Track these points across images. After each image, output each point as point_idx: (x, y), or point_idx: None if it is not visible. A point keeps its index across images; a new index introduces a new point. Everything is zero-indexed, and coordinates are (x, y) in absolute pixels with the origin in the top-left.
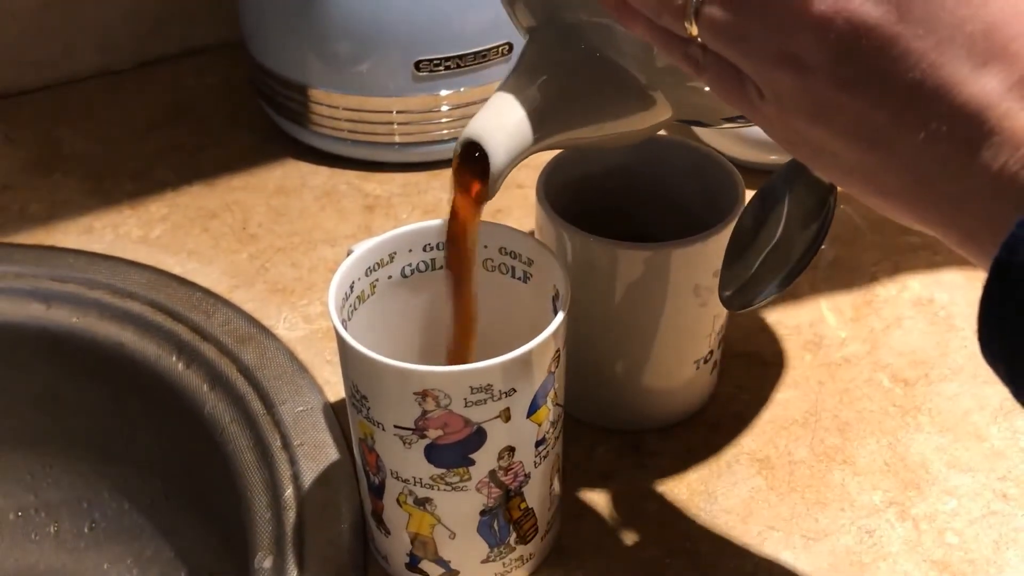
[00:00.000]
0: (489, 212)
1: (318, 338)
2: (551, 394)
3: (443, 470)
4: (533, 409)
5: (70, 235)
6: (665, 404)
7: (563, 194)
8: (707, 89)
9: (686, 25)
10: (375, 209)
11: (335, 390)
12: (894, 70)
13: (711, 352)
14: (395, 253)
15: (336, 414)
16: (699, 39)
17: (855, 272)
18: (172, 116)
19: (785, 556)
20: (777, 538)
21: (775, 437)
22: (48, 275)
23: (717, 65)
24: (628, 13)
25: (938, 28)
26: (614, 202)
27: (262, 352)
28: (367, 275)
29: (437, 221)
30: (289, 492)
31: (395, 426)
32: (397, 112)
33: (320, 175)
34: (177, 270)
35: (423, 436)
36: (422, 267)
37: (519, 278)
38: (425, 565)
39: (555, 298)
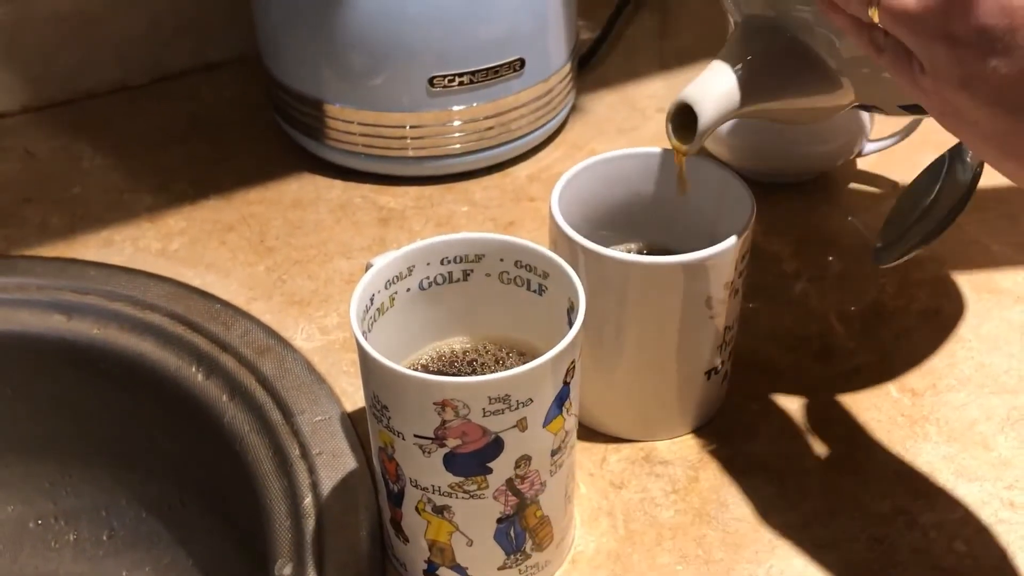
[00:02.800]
0: (503, 226)
1: (335, 349)
2: (566, 404)
3: (461, 478)
4: (549, 419)
5: (90, 248)
6: (676, 414)
7: (576, 208)
8: (885, 76)
9: (869, 12)
10: (389, 222)
11: (352, 400)
12: None
13: (721, 363)
14: (413, 266)
15: (354, 424)
16: (879, 24)
17: (863, 284)
18: (189, 130)
19: (796, 564)
20: (788, 546)
21: (785, 447)
22: (69, 287)
23: (892, 48)
24: (827, 3)
25: None
26: (627, 216)
27: (280, 363)
28: (386, 288)
29: (454, 235)
30: (308, 500)
31: (415, 435)
32: (411, 127)
33: (335, 188)
34: (196, 282)
35: (442, 445)
36: (440, 280)
37: (534, 291)
38: (443, 572)
39: (570, 310)
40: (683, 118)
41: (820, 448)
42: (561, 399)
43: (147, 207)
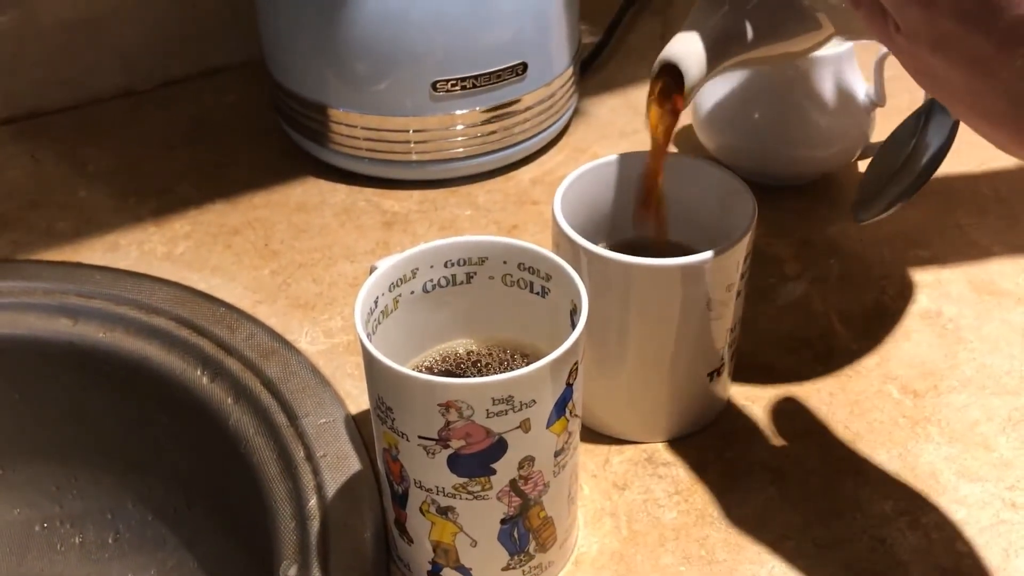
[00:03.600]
0: (506, 229)
1: (339, 352)
2: (569, 405)
3: (465, 479)
4: (552, 420)
5: (96, 252)
6: (679, 415)
7: (579, 210)
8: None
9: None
10: (393, 226)
11: (357, 402)
12: (1001, 6)
13: (723, 364)
14: (417, 269)
15: (358, 426)
16: None
17: (865, 286)
18: (194, 135)
19: (799, 564)
20: (790, 547)
21: (787, 448)
22: (75, 291)
23: (868, 4)
24: None
25: None
26: (629, 218)
27: (285, 366)
28: (391, 290)
29: (458, 238)
30: (313, 502)
31: (419, 436)
32: (414, 131)
33: (339, 192)
34: (201, 286)
35: (446, 446)
36: (443, 282)
37: (537, 293)
38: (447, 573)
39: (573, 312)
40: (667, 78)
41: (822, 449)
42: (564, 400)
43: (152, 211)
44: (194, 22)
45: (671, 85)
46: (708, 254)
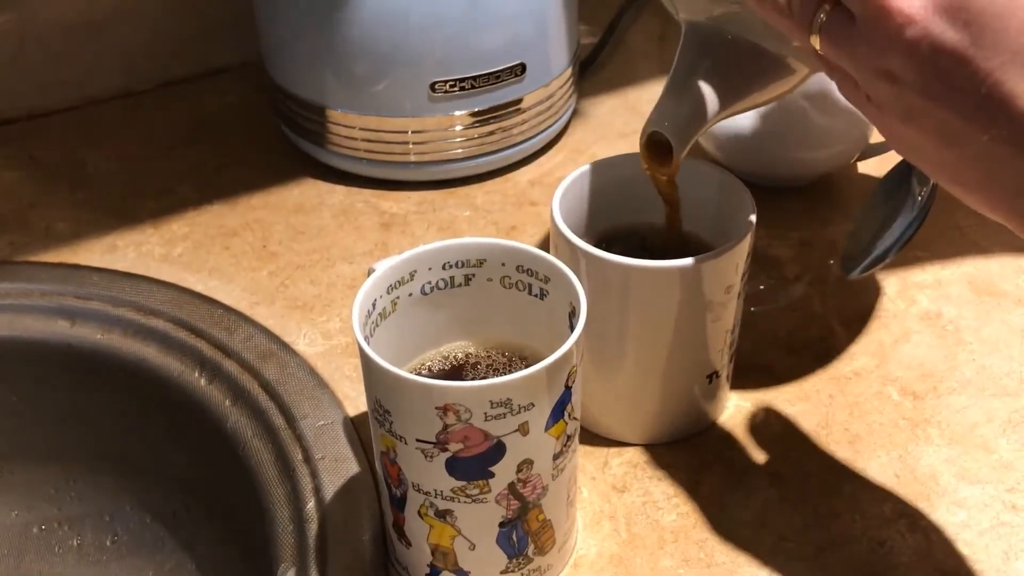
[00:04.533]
0: (505, 230)
1: (337, 354)
2: (568, 408)
3: (464, 482)
4: (551, 423)
5: (94, 253)
6: (678, 418)
7: (578, 212)
8: None
9: (811, 40)
10: (391, 227)
11: (355, 404)
12: (966, 85)
13: (723, 366)
14: (415, 271)
15: (356, 428)
16: (822, 54)
17: (864, 288)
18: (193, 136)
19: (798, 567)
20: (790, 549)
21: (787, 450)
22: (73, 293)
23: (842, 73)
24: (773, 18)
25: (1003, 52)
26: (627, 220)
27: (283, 368)
28: (388, 292)
29: (456, 240)
30: (311, 505)
31: (417, 439)
32: (412, 132)
33: (337, 194)
34: (199, 288)
35: (444, 449)
36: (441, 284)
37: (536, 295)
38: None
39: (571, 315)
40: (655, 143)
41: (821, 451)
42: (563, 403)
43: (150, 212)
44: (193, 23)
45: (661, 149)
46: (708, 256)
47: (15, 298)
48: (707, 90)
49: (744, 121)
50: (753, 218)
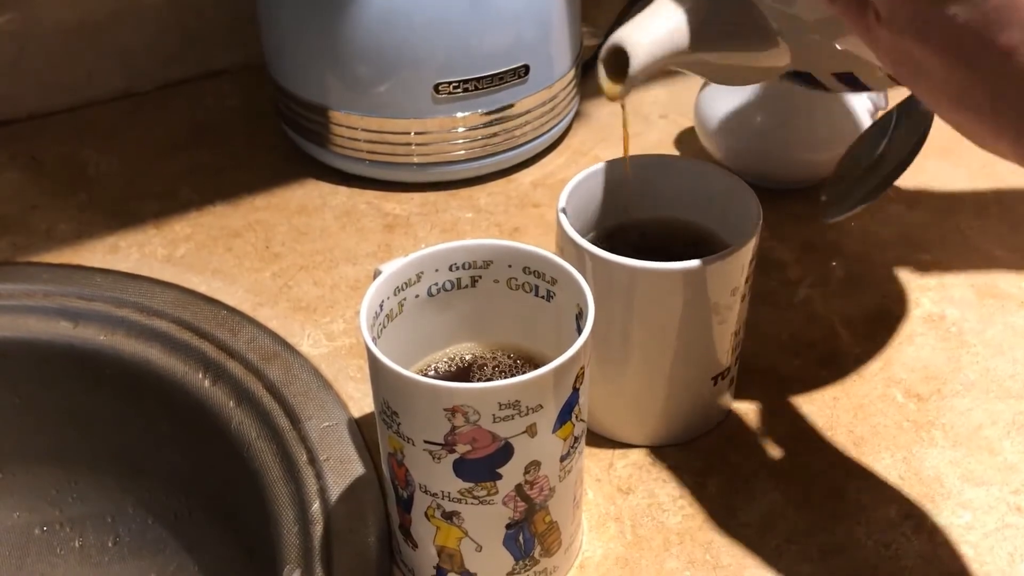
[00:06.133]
0: (508, 231)
1: (341, 355)
2: (575, 410)
3: (471, 484)
4: (559, 425)
5: (96, 254)
6: (683, 419)
7: (583, 213)
8: (821, 41)
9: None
10: (395, 228)
11: (359, 406)
12: None
13: (728, 368)
14: (422, 273)
15: (361, 429)
16: None
17: (867, 290)
18: (194, 137)
19: (803, 569)
20: (795, 551)
21: (792, 451)
22: (76, 294)
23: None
24: None
25: None
26: (633, 220)
27: (287, 369)
28: (395, 294)
29: (462, 242)
30: (316, 506)
31: (425, 441)
32: (415, 133)
33: (340, 195)
34: (202, 289)
35: (452, 451)
36: (448, 286)
37: (543, 296)
38: None
39: (579, 316)
40: (617, 59)
41: (826, 453)
42: (570, 405)
43: (153, 213)
44: (194, 24)
45: (620, 65)
46: (715, 258)
47: (18, 299)
48: (682, 23)
49: (748, 124)
50: (759, 221)
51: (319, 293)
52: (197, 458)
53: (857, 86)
